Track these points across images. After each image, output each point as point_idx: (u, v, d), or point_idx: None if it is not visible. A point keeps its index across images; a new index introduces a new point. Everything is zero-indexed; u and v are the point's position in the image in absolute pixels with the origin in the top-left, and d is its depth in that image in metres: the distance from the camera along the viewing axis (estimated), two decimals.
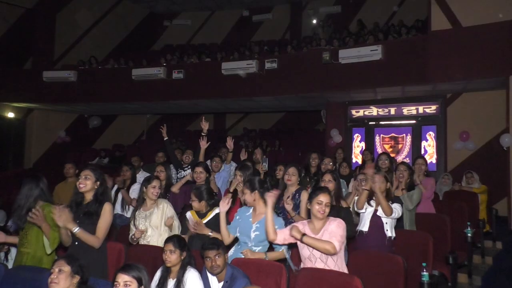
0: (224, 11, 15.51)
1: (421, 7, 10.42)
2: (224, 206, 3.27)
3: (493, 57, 7.29)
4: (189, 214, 3.73)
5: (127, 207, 5.05)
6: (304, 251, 2.99)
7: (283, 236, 3.00)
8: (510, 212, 6.97)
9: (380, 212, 3.62)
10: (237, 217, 3.43)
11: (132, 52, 13.91)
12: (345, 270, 2.97)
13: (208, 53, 12.33)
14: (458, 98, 8.77)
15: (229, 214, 3.94)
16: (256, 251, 3.23)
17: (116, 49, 14.52)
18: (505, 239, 6.30)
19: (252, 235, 3.26)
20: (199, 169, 4.66)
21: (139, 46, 15.03)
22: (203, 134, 5.52)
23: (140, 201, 3.90)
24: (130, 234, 3.78)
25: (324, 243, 2.80)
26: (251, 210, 3.39)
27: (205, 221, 3.59)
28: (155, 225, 3.74)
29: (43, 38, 12.34)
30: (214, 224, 3.51)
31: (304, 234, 2.84)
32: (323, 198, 2.93)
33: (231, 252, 3.39)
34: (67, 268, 2.48)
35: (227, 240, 3.27)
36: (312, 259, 2.94)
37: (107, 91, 11.14)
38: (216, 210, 3.58)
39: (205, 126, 5.60)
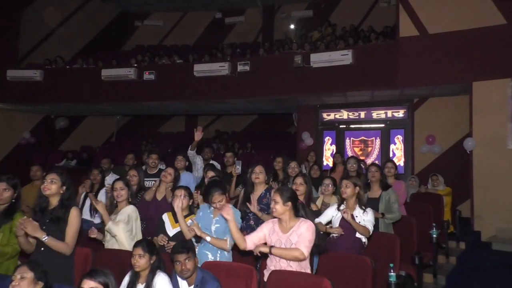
0: (196, 13, 15.41)
1: (390, 13, 10.70)
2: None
3: (457, 64, 7.55)
4: (165, 216, 3.65)
5: (94, 212, 4.91)
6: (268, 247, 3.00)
7: (252, 241, 3.01)
8: (472, 214, 7.23)
9: (359, 219, 3.66)
10: (200, 213, 3.48)
11: (101, 52, 13.60)
12: (308, 269, 2.99)
13: (180, 55, 12.22)
14: (424, 102, 9.04)
15: None
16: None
17: (85, 48, 14.16)
18: (468, 239, 6.53)
19: (213, 228, 3.33)
20: (169, 170, 4.61)
21: (109, 46, 14.69)
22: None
23: (112, 206, 3.83)
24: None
25: (292, 251, 2.83)
26: (212, 208, 3.43)
27: (179, 227, 3.52)
28: (116, 233, 3.63)
29: (7, 35, 11.88)
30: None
31: (271, 247, 2.88)
32: (272, 196, 3.01)
33: (196, 251, 3.36)
34: (29, 275, 2.39)
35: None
36: (276, 257, 2.96)
37: (75, 91, 10.86)
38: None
39: (198, 136, 5.55)
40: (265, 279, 2.98)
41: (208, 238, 3.21)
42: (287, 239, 2.91)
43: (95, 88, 10.78)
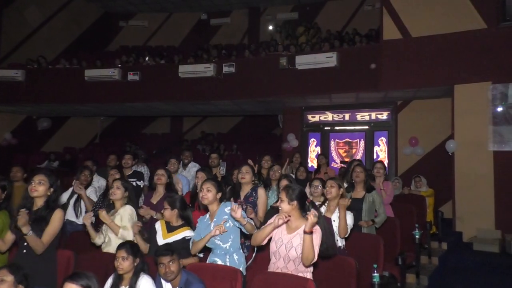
0: (182, 14, 15.34)
1: (375, 16, 10.83)
2: (236, 214, 2.97)
3: (439, 67, 7.68)
4: (158, 225, 3.54)
5: (80, 212, 4.84)
6: (272, 245, 2.92)
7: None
8: (454, 215, 7.35)
9: (335, 226, 3.65)
10: (199, 225, 3.35)
11: (85, 52, 13.43)
12: (306, 275, 2.85)
13: (165, 55, 12.15)
14: (408, 105, 9.17)
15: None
16: (227, 246, 3.20)
17: (68, 48, 13.96)
18: (450, 240, 6.64)
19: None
20: (160, 171, 4.58)
21: (92, 46, 14.52)
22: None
23: (109, 205, 3.79)
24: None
25: (312, 251, 2.66)
26: (207, 215, 3.36)
27: (172, 237, 3.40)
28: (113, 235, 3.59)
29: None
30: (181, 246, 3.32)
31: (311, 232, 2.66)
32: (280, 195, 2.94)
33: (208, 260, 3.31)
34: (9, 278, 2.34)
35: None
36: (276, 255, 2.90)
37: (58, 92, 10.70)
38: (187, 233, 3.42)
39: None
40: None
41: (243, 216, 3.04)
42: (289, 240, 2.82)
43: (79, 88, 10.64)
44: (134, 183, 5.22)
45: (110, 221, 3.50)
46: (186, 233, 3.42)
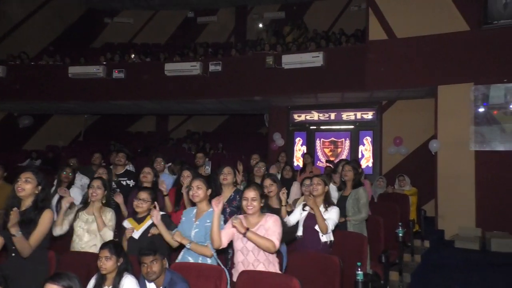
0: (168, 11, 15.21)
1: (361, 17, 10.92)
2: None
3: (423, 68, 7.80)
4: (126, 222, 3.53)
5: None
6: (238, 243, 3.00)
7: (226, 238, 3.00)
8: (437, 213, 7.47)
9: (317, 227, 3.67)
10: (183, 219, 3.37)
11: (69, 49, 13.22)
12: (276, 264, 3.02)
13: (150, 53, 12.05)
14: (392, 105, 9.28)
15: (174, 217, 3.88)
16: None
17: (51, 45, 13.72)
18: (432, 238, 6.75)
19: (192, 233, 3.23)
20: (147, 169, 4.54)
21: (77, 43, 14.29)
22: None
23: (86, 204, 3.74)
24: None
25: (265, 240, 2.85)
26: (194, 211, 3.35)
27: (142, 228, 3.44)
28: (93, 232, 3.58)
29: None
30: (148, 233, 3.39)
31: (247, 229, 2.86)
32: (248, 193, 2.99)
33: (179, 256, 3.31)
34: None
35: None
36: (244, 251, 2.98)
37: (40, 89, 10.53)
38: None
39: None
40: (234, 279, 2.98)
41: (188, 245, 3.11)
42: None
43: (62, 85, 10.49)
44: (124, 182, 5.16)
45: (99, 215, 3.48)
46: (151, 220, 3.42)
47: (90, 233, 3.60)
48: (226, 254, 3.59)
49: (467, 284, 5.20)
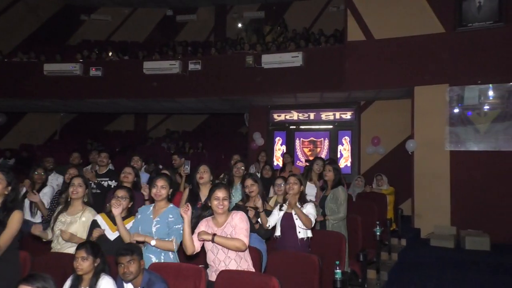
0: (146, 9, 15.03)
1: (340, 18, 11.02)
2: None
3: (401, 69, 7.93)
4: (100, 218, 3.47)
5: (36, 211, 4.66)
6: (207, 243, 3.02)
7: (198, 242, 3.02)
8: (413, 212, 7.61)
9: (298, 221, 3.70)
10: (138, 216, 3.35)
11: (44, 45, 12.90)
12: (248, 260, 3.06)
13: (128, 51, 11.88)
14: (370, 105, 9.41)
15: None
16: None
17: (25, 41, 13.37)
18: (409, 236, 6.87)
19: (154, 229, 3.21)
20: (128, 169, 4.49)
21: (52, 40, 13.97)
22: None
23: (66, 204, 3.64)
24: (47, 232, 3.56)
25: (233, 241, 2.90)
26: (151, 208, 3.34)
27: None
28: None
29: None
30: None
31: (214, 235, 2.91)
32: (220, 193, 3.02)
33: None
34: None
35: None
36: (214, 250, 3.00)
37: (14, 86, 10.25)
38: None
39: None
40: (211, 278, 2.97)
41: (153, 242, 3.11)
42: (222, 231, 2.98)
43: (37, 83, 10.24)
44: (105, 183, 5.06)
45: (77, 239, 3.37)
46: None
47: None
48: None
49: (442, 281, 5.32)
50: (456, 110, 7.50)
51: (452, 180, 7.34)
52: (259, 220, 3.66)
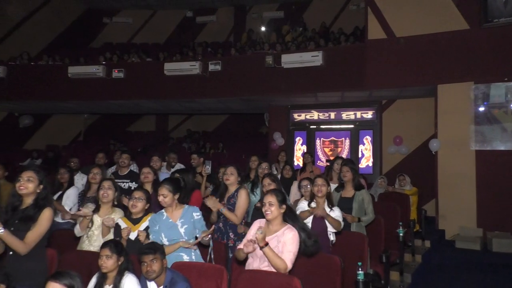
0: (167, 11, 15.21)
1: (360, 16, 10.91)
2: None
3: (423, 67, 7.79)
4: (121, 221, 3.51)
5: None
6: None
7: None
8: (437, 213, 7.46)
9: (330, 228, 3.70)
10: (156, 228, 3.29)
11: (68, 49, 13.21)
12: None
13: (150, 53, 12.04)
14: (392, 104, 9.28)
15: None
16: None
17: (50, 45, 13.72)
18: (433, 238, 6.74)
19: (182, 230, 3.23)
20: (146, 169, 4.55)
21: (76, 43, 14.30)
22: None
23: (97, 206, 3.73)
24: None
25: (279, 260, 2.75)
26: (164, 213, 3.33)
27: (140, 227, 3.42)
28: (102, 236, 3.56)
29: None
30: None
31: (267, 244, 2.75)
32: (266, 198, 2.96)
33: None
34: None
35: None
36: (253, 256, 2.97)
37: (40, 88, 10.52)
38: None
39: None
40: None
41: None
42: (269, 241, 2.85)
43: (62, 85, 10.48)
44: (126, 185, 5.13)
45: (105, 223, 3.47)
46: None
47: (100, 237, 3.57)
48: (227, 256, 3.61)
49: (468, 284, 5.21)
50: (481, 109, 7.32)
51: (477, 180, 7.16)
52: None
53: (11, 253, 2.79)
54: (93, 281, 2.87)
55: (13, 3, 12.29)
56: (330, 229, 3.70)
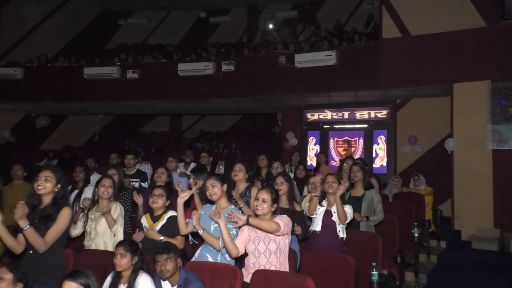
0: (180, 12, 15.30)
1: (374, 15, 10.82)
2: (182, 197, 3.19)
3: (438, 65, 7.68)
4: (143, 219, 3.61)
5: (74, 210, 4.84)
6: (249, 245, 3.02)
7: (242, 244, 3.02)
8: (453, 213, 7.36)
9: (334, 217, 3.71)
10: (202, 212, 3.37)
11: (84, 50, 13.40)
12: (287, 267, 3.03)
13: (164, 54, 12.13)
14: (407, 103, 9.17)
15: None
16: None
17: (66, 47, 13.93)
18: (449, 238, 6.65)
19: (212, 228, 3.23)
20: (161, 169, 4.61)
21: (91, 44, 14.49)
22: None
23: (94, 202, 3.82)
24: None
25: (269, 222, 2.88)
26: (214, 207, 3.33)
27: (157, 227, 3.49)
28: (100, 230, 3.64)
29: None
30: (166, 228, 3.45)
31: (249, 216, 2.92)
32: (260, 194, 3.00)
33: (196, 254, 3.34)
34: (9, 276, 2.34)
35: (183, 230, 3.21)
36: (256, 254, 2.99)
37: (57, 90, 10.68)
38: (170, 213, 3.52)
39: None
40: (245, 279, 2.98)
41: (201, 231, 3.14)
42: (266, 235, 2.96)
43: (77, 86, 10.63)
44: (137, 184, 5.19)
45: (108, 214, 3.57)
46: (169, 213, 3.53)
47: (98, 230, 3.66)
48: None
49: (484, 285, 5.11)
50: (498, 107, 7.19)
51: (494, 180, 7.03)
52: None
53: (31, 252, 2.83)
54: (108, 280, 2.91)
55: (30, 6, 12.52)
56: (339, 227, 3.69)
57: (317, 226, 3.77)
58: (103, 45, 15.43)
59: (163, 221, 3.50)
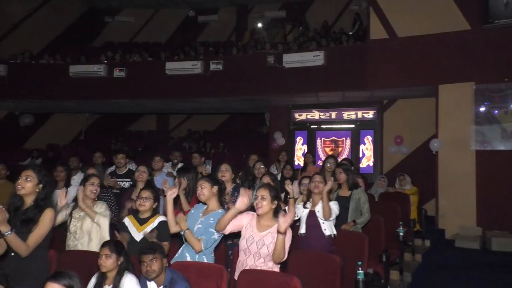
0: (168, 10, 15.19)
1: (362, 16, 10.90)
2: (171, 193, 3.23)
3: (424, 67, 7.78)
4: (127, 221, 3.54)
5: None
6: (242, 243, 2.96)
7: (231, 227, 2.96)
8: (437, 212, 7.46)
9: (319, 215, 3.73)
10: (192, 211, 3.36)
11: (69, 47, 13.20)
12: (276, 269, 2.96)
13: (152, 52, 12.04)
14: (393, 104, 9.27)
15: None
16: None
17: (51, 44, 13.70)
18: (433, 237, 6.74)
19: (195, 228, 3.21)
20: (142, 168, 4.55)
21: (77, 41, 14.28)
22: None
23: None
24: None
25: (282, 251, 2.74)
26: (204, 207, 3.33)
27: (148, 227, 3.44)
28: (86, 229, 3.60)
29: None
30: (159, 232, 3.39)
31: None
32: (258, 192, 2.94)
33: (178, 252, 3.31)
34: None
35: (173, 228, 3.22)
36: (246, 253, 2.94)
37: (41, 87, 10.52)
38: (160, 218, 3.47)
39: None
40: (236, 277, 2.97)
41: (182, 232, 3.14)
42: (261, 238, 2.87)
43: (63, 84, 10.49)
44: (127, 184, 5.14)
45: (86, 205, 3.56)
46: (159, 218, 3.47)
47: (83, 230, 3.62)
48: (227, 255, 3.60)
49: (467, 283, 5.20)
50: (482, 109, 7.31)
51: (477, 180, 7.16)
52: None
53: (12, 254, 2.75)
54: (92, 281, 2.87)
55: (14, 2, 12.29)
56: (324, 225, 3.71)
57: (302, 228, 3.80)
58: (90, 43, 15.22)
59: (153, 224, 3.44)
